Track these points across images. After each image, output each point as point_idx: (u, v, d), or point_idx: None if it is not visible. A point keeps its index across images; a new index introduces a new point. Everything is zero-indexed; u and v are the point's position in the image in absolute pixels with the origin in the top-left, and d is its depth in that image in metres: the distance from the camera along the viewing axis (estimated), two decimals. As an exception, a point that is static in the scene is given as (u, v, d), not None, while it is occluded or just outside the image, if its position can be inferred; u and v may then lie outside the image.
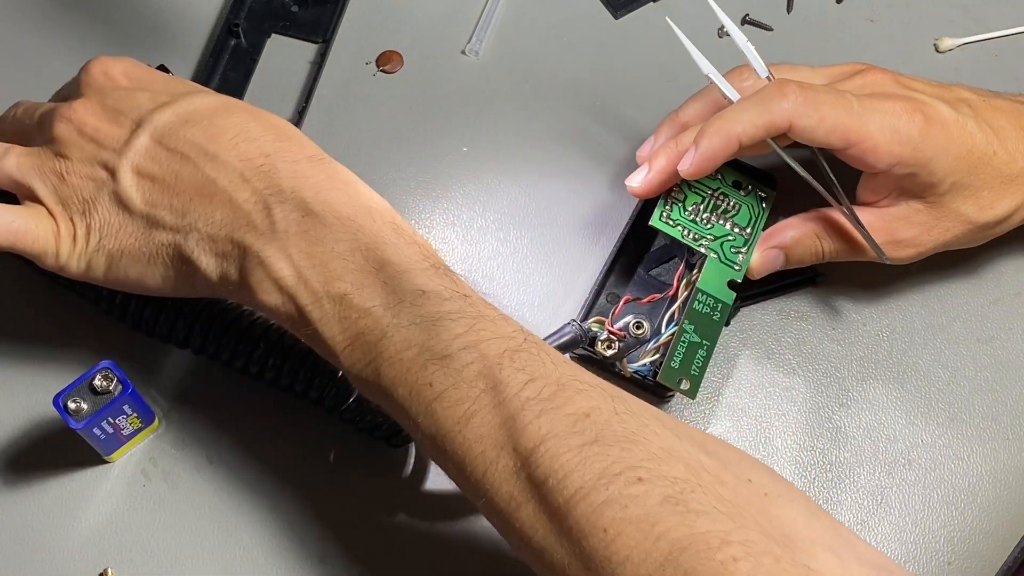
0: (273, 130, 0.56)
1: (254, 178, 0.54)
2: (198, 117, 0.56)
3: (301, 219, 0.53)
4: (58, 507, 0.61)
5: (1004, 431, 0.64)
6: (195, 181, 0.54)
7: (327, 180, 0.54)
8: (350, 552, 0.60)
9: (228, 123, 0.56)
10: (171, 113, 0.56)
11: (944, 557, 0.61)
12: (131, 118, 0.57)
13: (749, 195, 0.64)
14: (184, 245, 0.55)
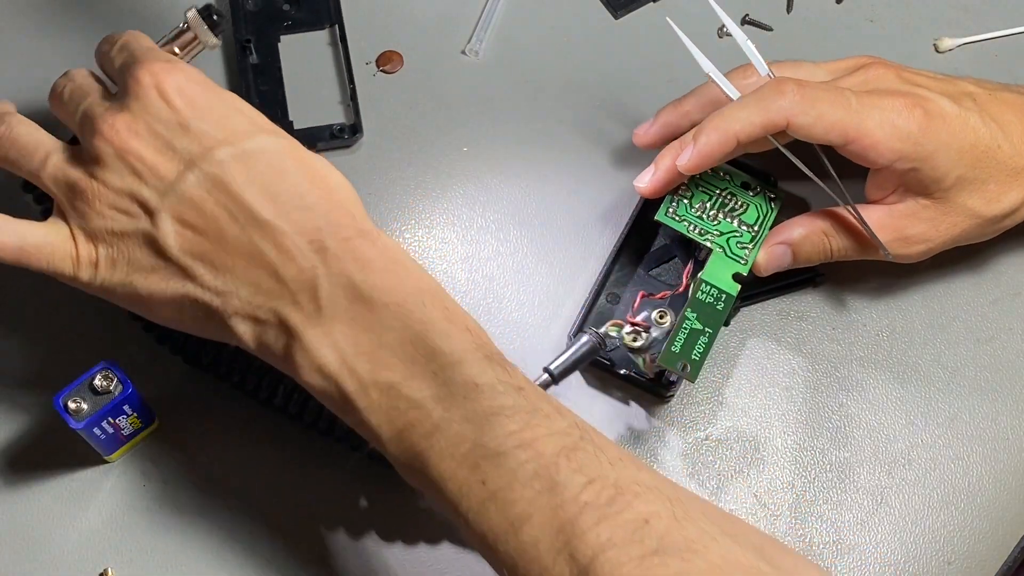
0: (327, 197, 0.52)
1: (302, 255, 0.51)
2: (254, 171, 0.52)
3: (349, 304, 0.50)
4: (58, 507, 0.61)
5: (1004, 431, 0.64)
6: (241, 244, 0.51)
7: (378, 260, 0.51)
8: (350, 552, 0.60)
9: (283, 186, 0.52)
10: (227, 158, 0.52)
11: (944, 557, 0.61)
12: (181, 155, 0.53)
13: (758, 195, 0.64)
14: (221, 308, 0.52)
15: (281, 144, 0.54)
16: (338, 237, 0.51)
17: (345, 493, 0.61)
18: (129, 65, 0.55)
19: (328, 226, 0.51)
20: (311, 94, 0.72)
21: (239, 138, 0.53)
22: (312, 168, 0.53)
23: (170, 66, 0.54)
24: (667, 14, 0.66)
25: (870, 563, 0.61)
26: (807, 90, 0.59)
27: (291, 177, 0.52)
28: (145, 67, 0.54)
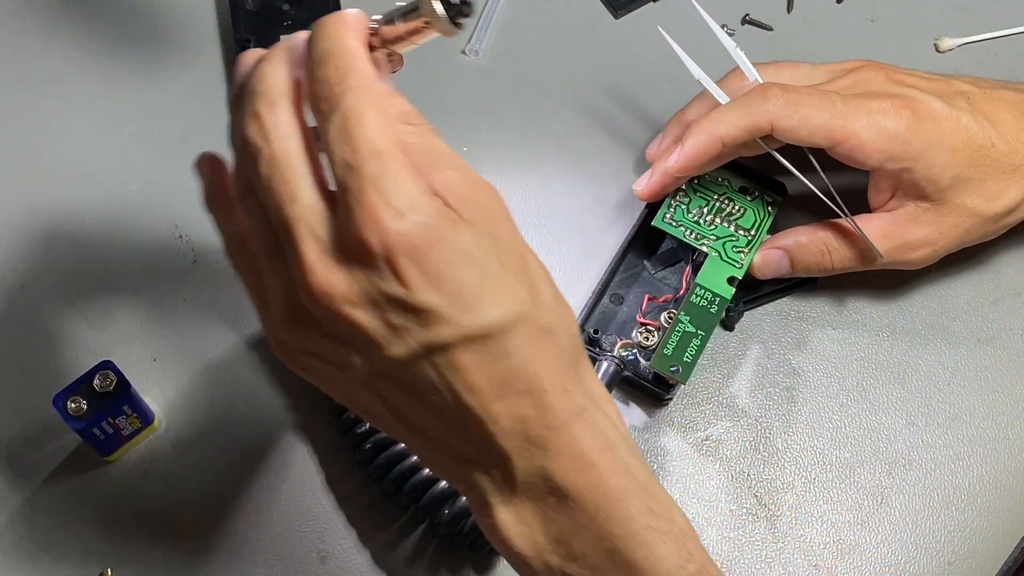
0: (548, 374, 0.45)
1: (506, 438, 0.45)
2: (479, 358, 0.43)
3: (545, 495, 0.45)
4: (58, 507, 0.61)
5: (1004, 431, 0.64)
6: (445, 416, 0.45)
7: (586, 452, 0.45)
8: (350, 552, 0.60)
9: (502, 368, 0.44)
10: (451, 342, 0.43)
11: (944, 557, 0.61)
12: (400, 334, 0.43)
13: (756, 200, 0.64)
14: (420, 450, 0.48)
15: (517, 317, 0.44)
16: (549, 425, 0.45)
17: (348, 495, 0.61)
18: (349, 185, 0.42)
19: (541, 413, 0.45)
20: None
21: (472, 315, 0.43)
22: (541, 342, 0.45)
23: (404, 226, 0.42)
24: (667, 14, 0.66)
25: (870, 563, 0.61)
26: (791, 94, 0.59)
27: (515, 359, 0.44)
28: (370, 216, 0.42)
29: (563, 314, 0.46)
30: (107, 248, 0.67)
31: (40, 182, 0.69)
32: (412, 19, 0.44)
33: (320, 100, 0.43)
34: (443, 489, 0.58)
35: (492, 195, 0.45)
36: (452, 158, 0.45)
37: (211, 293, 0.66)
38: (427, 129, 0.45)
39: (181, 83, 0.72)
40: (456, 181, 0.44)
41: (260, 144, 0.44)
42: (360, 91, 0.43)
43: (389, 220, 0.41)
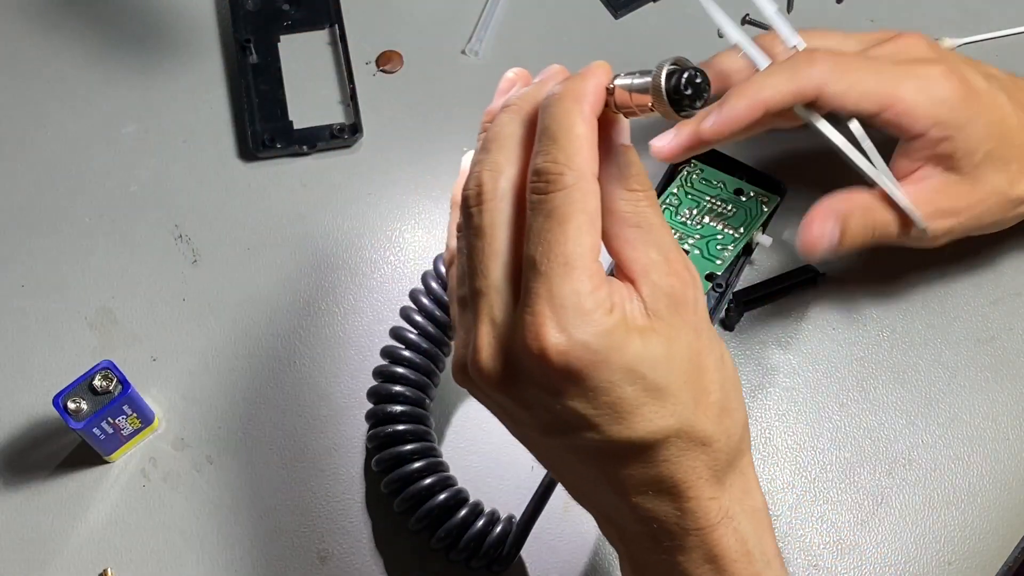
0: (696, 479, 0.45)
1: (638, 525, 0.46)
2: (629, 460, 0.44)
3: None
4: (58, 507, 0.61)
5: (1004, 431, 0.64)
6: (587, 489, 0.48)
7: (722, 555, 0.46)
8: (350, 552, 0.60)
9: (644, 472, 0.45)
10: (598, 446, 0.44)
11: (944, 557, 0.61)
12: (550, 431, 0.45)
13: (750, 200, 0.64)
14: (570, 492, 0.49)
15: (671, 432, 0.44)
16: (687, 528, 0.45)
17: (348, 495, 0.61)
18: (531, 284, 0.43)
19: (681, 516, 0.45)
20: (311, 94, 0.72)
21: (621, 428, 0.43)
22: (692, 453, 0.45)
23: (566, 344, 0.42)
24: (667, 14, 0.66)
25: (870, 563, 0.61)
26: (839, 59, 0.58)
27: (661, 467, 0.45)
28: (537, 326, 0.42)
29: (726, 423, 0.45)
30: (107, 248, 0.67)
31: (40, 182, 0.69)
32: (642, 94, 0.44)
33: (536, 176, 0.43)
34: (461, 519, 0.58)
35: (688, 285, 0.45)
36: (660, 236, 0.45)
37: (211, 293, 0.66)
38: (645, 199, 0.45)
39: (181, 83, 0.72)
40: (654, 266, 0.44)
41: (474, 207, 0.45)
42: (571, 192, 0.43)
43: (553, 335, 0.42)
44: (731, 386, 0.46)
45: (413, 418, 0.59)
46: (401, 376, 0.60)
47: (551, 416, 0.44)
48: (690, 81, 0.42)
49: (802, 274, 0.66)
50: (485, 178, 0.45)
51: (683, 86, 0.42)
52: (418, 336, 0.60)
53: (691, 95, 0.43)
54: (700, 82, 0.43)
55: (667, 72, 0.42)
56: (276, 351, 0.65)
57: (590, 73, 0.44)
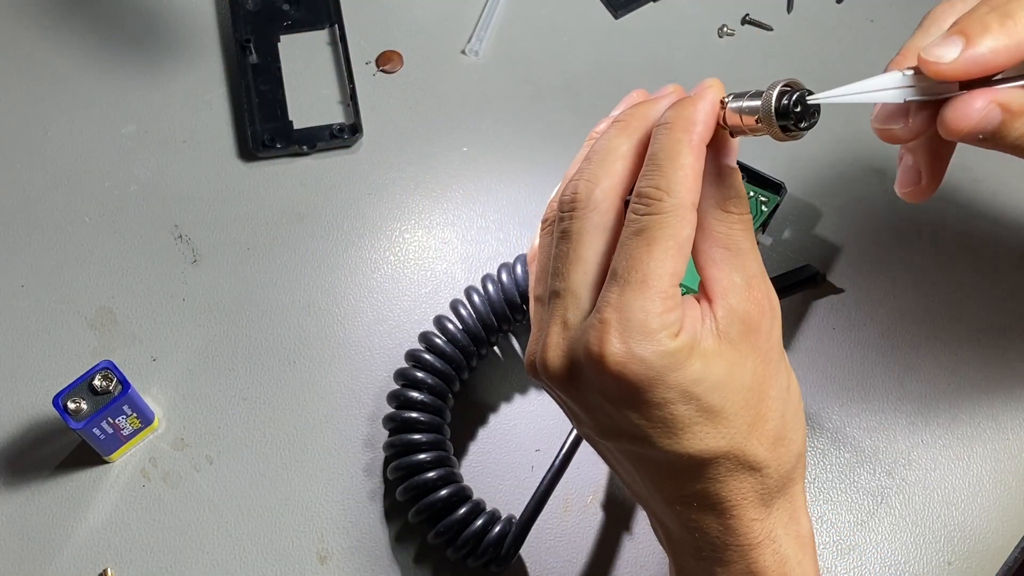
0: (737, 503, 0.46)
1: (680, 530, 0.48)
2: (678, 474, 0.46)
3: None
4: (58, 507, 0.61)
5: (1004, 431, 0.64)
6: (638, 489, 0.49)
7: (761, 573, 0.47)
8: (350, 552, 0.60)
9: (691, 487, 0.46)
10: (649, 458, 0.46)
11: (944, 557, 0.61)
12: (604, 434, 0.47)
13: (749, 200, 0.64)
14: (626, 486, 0.51)
15: (720, 454, 0.45)
16: (727, 544, 0.47)
17: (348, 495, 0.61)
18: (607, 292, 0.44)
19: (723, 532, 0.47)
20: (311, 94, 0.72)
21: (672, 442, 0.45)
22: (740, 476, 0.46)
23: (624, 357, 0.44)
24: (667, 14, 0.66)
25: (870, 563, 0.61)
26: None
27: (708, 484, 0.46)
28: (601, 335, 0.44)
29: (780, 451, 0.46)
30: (107, 248, 0.67)
31: (40, 182, 0.69)
32: (750, 115, 0.44)
33: (637, 198, 0.45)
34: (462, 515, 0.58)
35: (764, 314, 0.46)
36: (746, 261, 0.46)
37: (211, 293, 0.66)
38: (739, 223, 0.46)
39: (181, 83, 0.72)
40: (735, 289, 0.45)
41: (567, 213, 0.47)
42: (666, 218, 0.44)
43: (615, 345, 0.44)
44: (792, 416, 0.47)
45: (432, 412, 0.60)
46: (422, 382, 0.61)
47: (609, 421, 0.46)
48: (800, 101, 0.43)
49: (802, 274, 0.66)
50: (581, 187, 0.47)
51: (792, 106, 0.43)
52: (445, 343, 0.61)
53: (799, 113, 0.43)
54: (811, 104, 0.43)
55: (779, 92, 0.43)
56: (276, 351, 0.65)
57: (700, 97, 0.45)
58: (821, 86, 0.41)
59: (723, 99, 0.45)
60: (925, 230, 0.69)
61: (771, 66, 0.73)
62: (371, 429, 0.63)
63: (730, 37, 0.74)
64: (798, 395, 0.48)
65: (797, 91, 0.43)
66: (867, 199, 0.69)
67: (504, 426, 0.63)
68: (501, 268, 0.63)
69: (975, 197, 0.69)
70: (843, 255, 0.68)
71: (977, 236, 0.68)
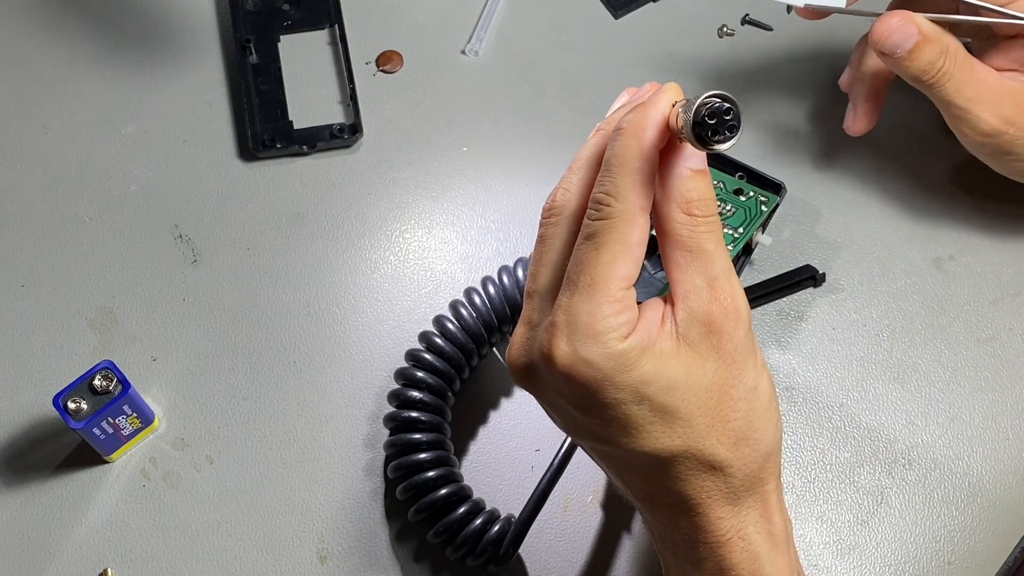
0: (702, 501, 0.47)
1: (653, 527, 0.50)
2: (640, 471, 0.47)
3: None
4: (58, 507, 0.61)
5: (1004, 431, 0.64)
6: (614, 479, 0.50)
7: (731, 567, 0.48)
8: (350, 552, 0.60)
9: (654, 485, 0.48)
10: (610, 454, 0.48)
11: (944, 557, 0.61)
12: (569, 429, 0.49)
13: (749, 200, 0.64)
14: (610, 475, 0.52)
15: (678, 452, 0.46)
16: (697, 540, 0.48)
17: (348, 495, 0.61)
18: (560, 296, 0.46)
19: (691, 529, 0.48)
20: (311, 94, 0.72)
21: (628, 440, 0.46)
22: (702, 475, 0.47)
23: (569, 359, 0.45)
24: (667, 14, 0.66)
25: (870, 563, 0.61)
26: None
27: (670, 482, 0.47)
28: (549, 337, 0.45)
29: (744, 451, 0.46)
30: (107, 248, 0.67)
31: (40, 182, 0.69)
32: (680, 121, 0.44)
33: (591, 203, 0.46)
34: (461, 515, 0.58)
35: (727, 315, 0.45)
36: (709, 263, 0.46)
37: (211, 293, 0.66)
38: (704, 224, 0.46)
39: (181, 83, 0.72)
40: (696, 291, 0.46)
41: (545, 219, 0.48)
42: (614, 222, 0.45)
43: (560, 347, 0.45)
44: (758, 416, 0.47)
45: (432, 411, 0.61)
46: (423, 382, 0.61)
47: (571, 419, 0.47)
48: (715, 113, 0.42)
49: (802, 274, 0.66)
50: (558, 195, 0.48)
51: (708, 117, 0.42)
52: (445, 342, 0.61)
53: (713, 126, 0.42)
54: (730, 119, 0.42)
55: (700, 102, 0.42)
56: (276, 351, 0.65)
57: (652, 103, 0.45)
58: (821, 86, 0.42)
59: (675, 104, 0.45)
60: (925, 230, 0.69)
61: (771, 66, 0.73)
62: (371, 429, 0.63)
63: (730, 37, 0.74)
64: (768, 395, 0.47)
65: (715, 104, 0.42)
66: (867, 199, 0.69)
67: (504, 425, 0.63)
68: (502, 270, 0.63)
69: (974, 196, 0.69)
70: (843, 255, 0.68)
71: (977, 235, 0.68)
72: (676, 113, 0.44)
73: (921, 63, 0.60)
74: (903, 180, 0.70)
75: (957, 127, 0.62)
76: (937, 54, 0.60)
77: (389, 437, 0.60)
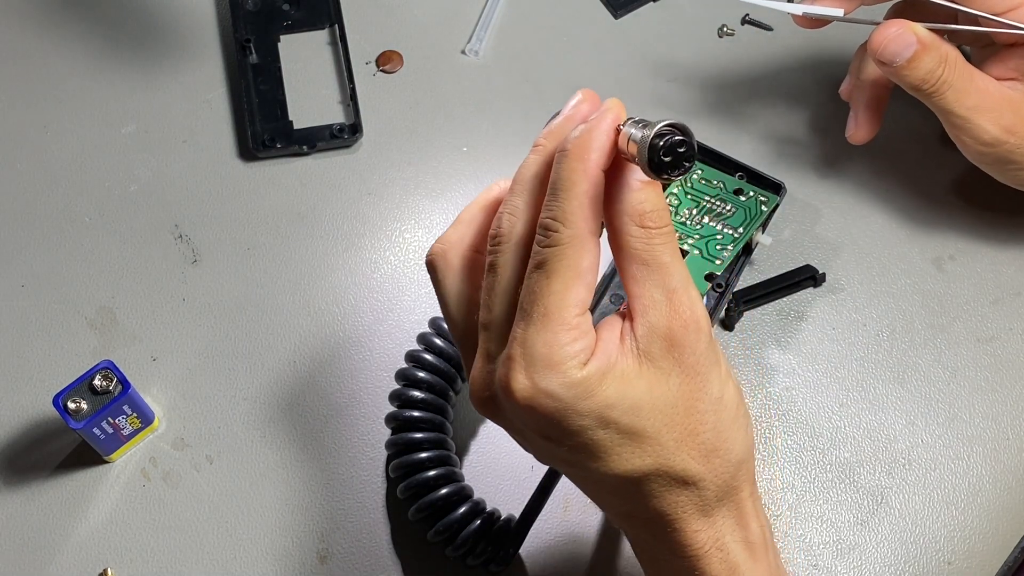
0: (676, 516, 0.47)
1: (632, 542, 0.51)
2: (611, 490, 0.47)
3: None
4: (58, 507, 0.61)
5: (1004, 431, 0.64)
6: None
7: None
8: (350, 552, 0.60)
9: (627, 504, 0.48)
10: (582, 476, 0.48)
11: (944, 557, 0.61)
12: (538, 454, 0.49)
13: (749, 200, 0.64)
14: None
15: (648, 471, 0.46)
16: (674, 552, 0.48)
17: (348, 495, 0.61)
18: (515, 328, 0.45)
19: (665, 543, 0.48)
20: (311, 94, 0.72)
21: (597, 464, 0.46)
22: (675, 491, 0.47)
23: (528, 392, 0.44)
24: (667, 14, 0.66)
25: (870, 563, 0.61)
26: None
27: (640, 501, 0.47)
28: (506, 371, 0.45)
29: (714, 463, 0.46)
30: (107, 248, 0.67)
31: (40, 182, 0.69)
32: (632, 147, 0.43)
33: (539, 229, 0.45)
34: (460, 515, 0.58)
35: (687, 328, 0.45)
36: (666, 275, 0.45)
37: (211, 293, 0.66)
38: (659, 235, 0.45)
39: (181, 83, 0.72)
40: (655, 305, 0.45)
41: (492, 246, 0.47)
42: (563, 249, 0.44)
43: (519, 380, 0.44)
44: (726, 427, 0.47)
45: (433, 411, 0.60)
46: (425, 382, 0.61)
47: (539, 447, 0.47)
48: (671, 148, 0.42)
49: (802, 274, 0.66)
50: (504, 221, 0.47)
51: (663, 153, 0.42)
52: (445, 343, 0.61)
53: (670, 162, 0.42)
54: (684, 151, 0.42)
55: (655, 132, 0.42)
56: (276, 351, 0.65)
57: (595, 125, 0.45)
58: (821, 86, 0.42)
59: (619, 125, 0.44)
60: (925, 230, 0.69)
61: (771, 66, 0.73)
62: (371, 428, 0.63)
63: (730, 37, 0.74)
64: (735, 403, 0.47)
65: (673, 137, 0.42)
66: (867, 199, 0.69)
67: (504, 426, 0.63)
68: None
69: (973, 196, 0.69)
70: (843, 255, 0.68)
71: (977, 235, 0.68)
72: (626, 137, 0.44)
73: (920, 72, 0.60)
74: (903, 180, 0.70)
75: (957, 136, 0.62)
76: (936, 63, 0.60)
77: (390, 436, 0.60)
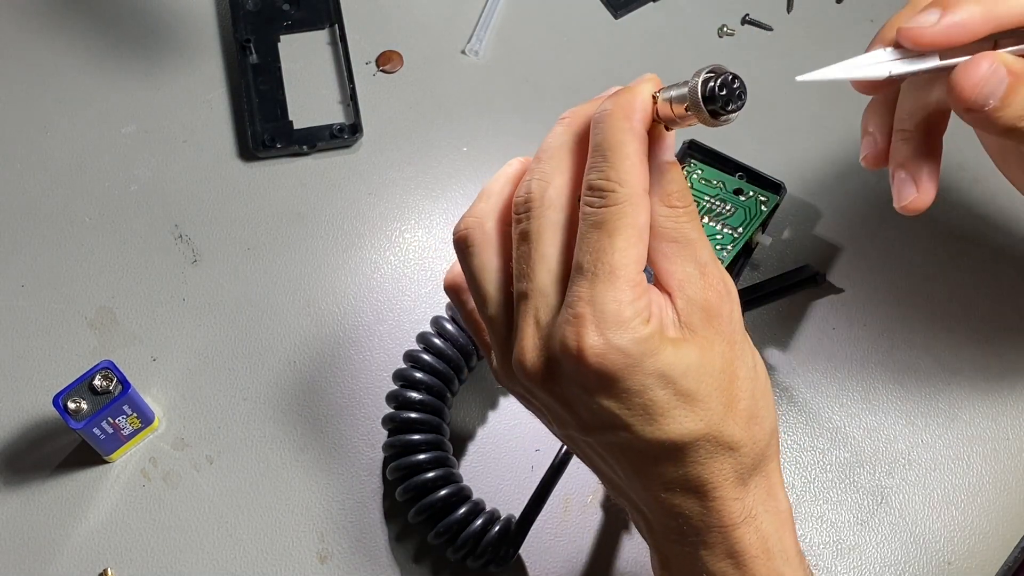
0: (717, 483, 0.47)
1: (664, 518, 0.48)
2: (659, 459, 0.46)
3: (698, 573, 0.49)
4: (58, 507, 0.61)
5: (1004, 431, 0.64)
6: (621, 483, 0.49)
7: (742, 552, 0.48)
8: (350, 552, 0.60)
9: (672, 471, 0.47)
10: (630, 445, 0.47)
11: (944, 557, 0.61)
12: (585, 429, 0.47)
13: (749, 200, 0.64)
14: (605, 485, 0.52)
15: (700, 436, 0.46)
16: (710, 525, 0.47)
17: (348, 495, 0.61)
18: (576, 287, 0.45)
19: (705, 513, 0.47)
20: (311, 94, 0.72)
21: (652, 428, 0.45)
22: (719, 456, 0.46)
23: (602, 347, 0.44)
24: (667, 14, 0.66)
25: (870, 563, 0.61)
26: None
27: (689, 467, 0.47)
28: (577, 328, 0.44)
29: (754, 429, 0.47)
30: (107, 248, 0.67)
31: (40, 182, 0.69)
32: (680, 105, 0.44)
33: (589, 191, 0.45)
34: (461, 516, 0.58)
35: (723, 298, 0.46)
36: (697, 250, 0.46)
37: (211, 293, 0.66)
38: (685, 214, 0.46)
39: (181, 83, 0.72)
40: (689, 279, 0.46)
41: (523, 214, 0.47)
42: (622, 208, 0.44)
43: (592, 337, 0.44)
44: (761, 395, 0.47)
45: (430, 412, 0.60)
46: (422, 382, 0.61)
47: (590, 414, 0.46)
48: (725, 84, 0.43)
49: (802, 274, 0.66)
50: (534, 187, 0.47)
51: (718, 89, 0.43)
52: (444, 343, 0.61)
53: (725, 97, 0.43)
54: (737, 86, 0.43)
55: (703, 79, 0.43)
56: (276, 351, 0.65)
57: (638, 87, 0.45)
58: (822, 86, 0.42)
59: (654, 94, 0.45)
60: (925, 230, 0.69)
61: (771, 66, 0.73)
62: (370, 429, 0.63)
63: (730, 37, 0.74)
64: (764, 373, 0.48)
65: (721, 75, 0.43)
66: (867, 199, 0.69)
67: (504, 426, 0.63)
68: None
69: (974, 197, 0.69)
70: (843, 255, 0.68)
71: (977, 236, 0.68)
72: (667, 102, 0.45)
73: (1016, 109, 0.48)
74: (903, 180, 0.70)
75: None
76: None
77: (388, 438, 0.60)
